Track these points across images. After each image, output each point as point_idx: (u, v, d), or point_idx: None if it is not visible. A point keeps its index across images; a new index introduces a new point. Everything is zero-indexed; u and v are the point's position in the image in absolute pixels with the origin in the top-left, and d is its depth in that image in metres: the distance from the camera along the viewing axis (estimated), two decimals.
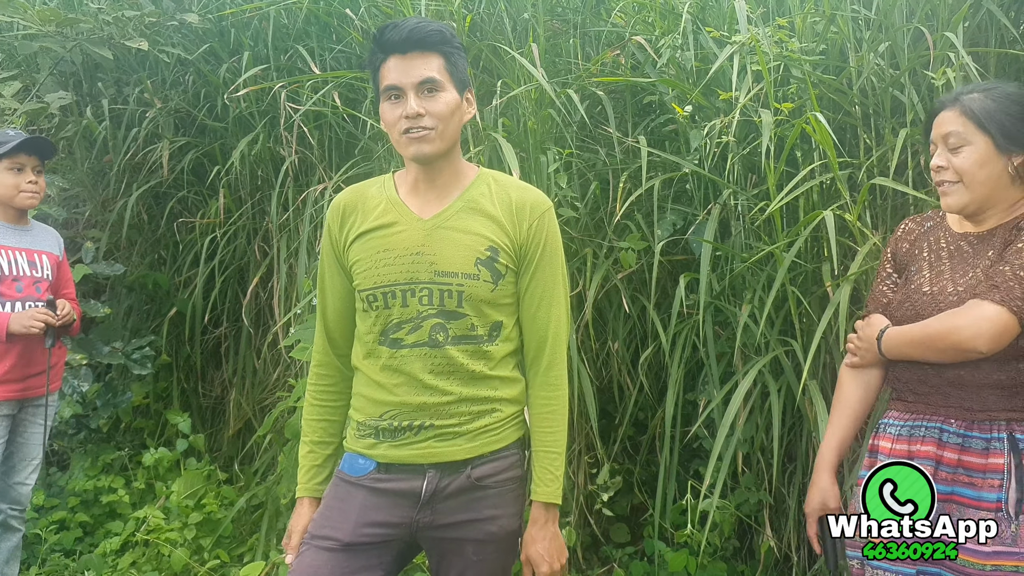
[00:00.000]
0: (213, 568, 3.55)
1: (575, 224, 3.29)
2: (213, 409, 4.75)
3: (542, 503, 1.89)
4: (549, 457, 1.90)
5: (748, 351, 3.08)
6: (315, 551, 1.87)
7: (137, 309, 4.81)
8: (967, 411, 1.82)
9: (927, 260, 1.95)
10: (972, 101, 1.84)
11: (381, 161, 3.60)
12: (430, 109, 1.81)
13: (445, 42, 1.84)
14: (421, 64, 1.81)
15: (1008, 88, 1.86)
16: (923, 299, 1.88)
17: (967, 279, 1.83)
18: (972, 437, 1.81)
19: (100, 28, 4.15)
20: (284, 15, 4.16)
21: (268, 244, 4.23)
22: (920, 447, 1.85)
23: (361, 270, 1.88)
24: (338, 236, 1.94)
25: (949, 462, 1.82)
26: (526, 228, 1.88)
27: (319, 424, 2.03)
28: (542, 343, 1.91)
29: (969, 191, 1.84)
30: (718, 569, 3.14)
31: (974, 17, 3.10)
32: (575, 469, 3.39)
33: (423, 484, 1.85)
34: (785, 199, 2.77)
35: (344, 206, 1.95)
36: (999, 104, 1.82)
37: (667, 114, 3.36)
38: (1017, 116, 1.82)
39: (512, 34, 3.62)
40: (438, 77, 1.82)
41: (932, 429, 1.85)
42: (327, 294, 1.99)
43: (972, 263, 1.86)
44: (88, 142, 4.73)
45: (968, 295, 1.79)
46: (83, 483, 4.16)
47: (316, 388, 2.04)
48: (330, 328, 2.00)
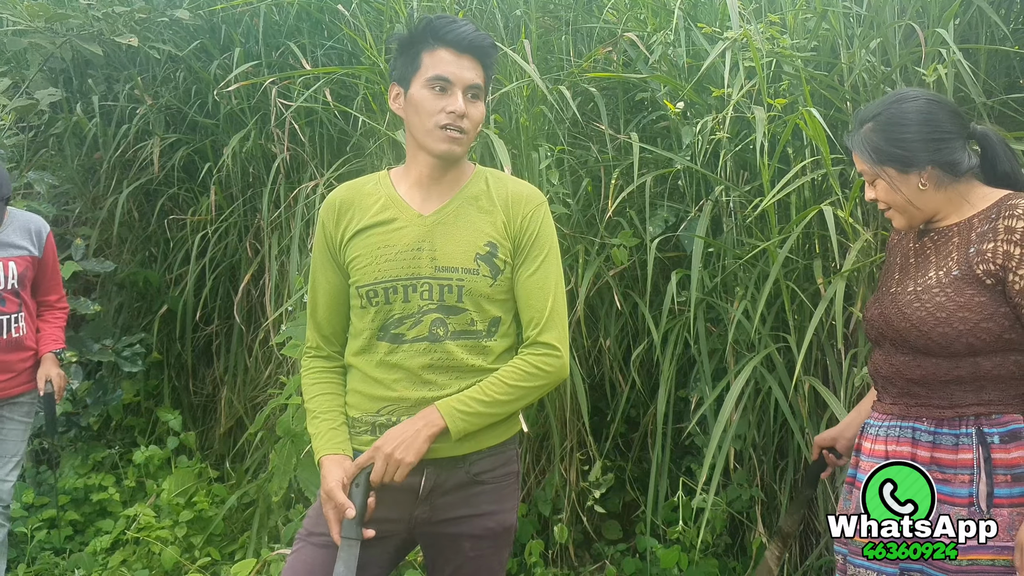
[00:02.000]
0: (204, 566, 3.54)
1: (567, 221, 3.29)
2: (204, 407, 4.74)
3: (436, 407, 1.80)
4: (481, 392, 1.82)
5: (740, 348, 3.08)
6: (312, 548, 1.86)
7: (128, 306, 4.79)
8: (936, 409, 1.85)
9: (898, 265, 2.00)
10: (862, 138, 1.91)
11: (373, 158, 3.59)
12: (471, 113, 1.85)
13: (493, 55, 1.92)
14: (473, 68, 1.86)
15: (890, 111, 1.89)
16: (887, 299, 1.93)
17: (926, 279, 1.86)
18: (942, 434, 1.84)
19: (90, 24, 4.13)
20: (275, 11, 4.15)
21: (259, 241, 4.21)
22: (896, 447, 1.88)
23: (360, 266, 1.88)
24: (333, 233, 1.93)
25: (923, 460, 1.84)
26: (519, 221, 1.91)
27: (323, 397, 1.95)
28: (535, 329, 1.88)
29: (902, 214, 1.92)
30: (710, 565, 3.14)
31: (965, 14, 3.11)
32: (567, 466, 3.39)
33: (421, 480, 1.85)
34: (778, 195, 2.77)
35: (340, 203, 1.94)
36: (882, 135, 1.87)
37: (659, 111, 3.36)
38: (900, 140, 1.86)
39: (504, 31, 3.62)
40: (482, 85, 1.88)
41: (906, 429, 1.88)
42: (319, 291, 1.98)
43: (934, 262, 1.89)
44: (78, 139, 4.71)
45: (925, 295, 1.83)
46: (73, 481, 4.14)
47: (314, 368, 1.99)
48: (320, 325, 1.99)
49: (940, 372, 1.83)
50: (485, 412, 1.82)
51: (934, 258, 1.89)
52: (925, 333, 1.81)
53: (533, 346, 1.88)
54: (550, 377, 1.88)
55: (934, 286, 1.83)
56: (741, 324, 2.99)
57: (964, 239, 1.84)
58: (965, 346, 1.78)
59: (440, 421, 1.78)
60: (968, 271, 1.80)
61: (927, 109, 1.87)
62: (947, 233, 1.89)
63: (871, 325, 1.98)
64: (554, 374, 1.88)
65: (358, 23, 3.66)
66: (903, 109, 1.87)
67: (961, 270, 1.81)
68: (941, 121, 1.87)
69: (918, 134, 1.85)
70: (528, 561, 3.30)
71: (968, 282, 1.79)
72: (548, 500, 3.38)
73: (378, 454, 1.77)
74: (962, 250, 1.83)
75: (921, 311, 1.82)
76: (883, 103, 1.91)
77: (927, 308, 1.81)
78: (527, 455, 3.45)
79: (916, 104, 1.88)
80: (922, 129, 1.85)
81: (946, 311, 1.79)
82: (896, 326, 1.87)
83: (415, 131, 1.88)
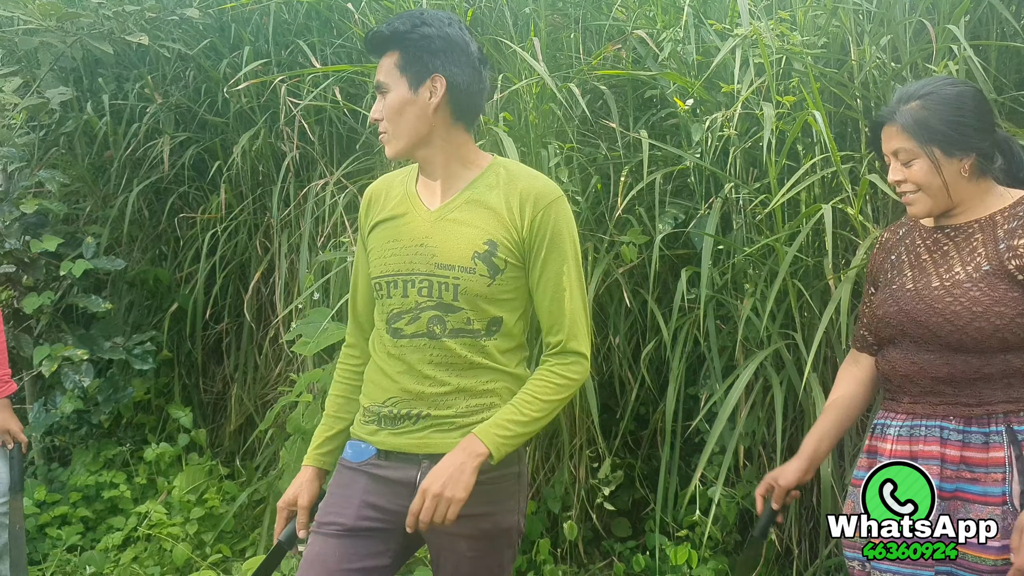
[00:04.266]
0: (215, 563, 3.55)
1: (576, 218, 3.27)
2: (215, 404, 4.75)
3: (475, 435, 1.78)
4: (517, 412, 1.81)
5: (750, 345, 3.08)
6: (322, 539, 1.87)
7: (138, 305, 4.81)
8: (964, 407, 1.83)
9: (907, 262, 1.96)
10: (910, 114, 1.86)
11: (382, 156, 3.59)
12: (384, 112, 1.85)
13: (400, 37, 1.82)
14: (381, 67, 1.85)
15: (944, 91, 1.87)
16: (907, 295, 1.89)
17: (952, 274, 1.84)
18: (972, 432, 1.82)
19: (100, 23, 4.13)
20: (284, 10, 4.16)
21: (269, 239, 4.22)
22: (923, 447, 1.85)
23: (374, 258, 1.92)
24: (364, 223, 1.99)
25: (952, 459, 1.82)
26: (528, 221, 1.83)
27: (338, 400, 2.07)
28: (558, 335, 1.86)
29: (931, 198, 1.87)
30: (719, 563, 3.14)
31: (975, 10, 3.10)
32: (576, 463, 3.39)
33: (418, 474, 1.84)
34: (787, 193, 2.76)
35: (372, 194, 2.00)
36: (935, 113, 1.84)
37: (668, 108, 3.36)
38: (954, 122, 1.83)
39: (513, 28, 3.62)
40: (383, 80, 1.84)
41: (932, 428, 1.85)
42: (358, 277, 2.04)
43: (956, 257, 1.87)
44: (88, 138, 4.72)
45: (956, 290, 1.81)
46: (85, 478, 4.16)
47: (342, 367, 2.09)
48: (359, 312, 2.05)
49: (969, 370, 1.80)
50: (524, 432, 1.82)
51: (956, 253, 1.87)
52: (961, 328, 1.78)
53: (561, 355, 1.85)
54: (578, 384, 1.88)
55: (964, 281, 1.81)
56: (751, 322, 2.99)
57: (989, 235, 1.83)
58: (999, 341, 1.77)
59: (483, 449, 1.76)
60: (1000, 266, 1.79)
61: (979, 97, 1.88)
62: (967, 229, 1.88)
63: (886, 323, 1.93)
64: (581, 381, 1.88)
65: (367, 21, 3.67)
66: (959, 92, 1.86)
67: (992, 265, 1.80)
68: (988, 112, 1.88)
69: (972, 119, 1.84)
70: (537, 559, 3.31)
71: (1001, 277, 1.78)
72: (557, 497, 3.39)
73: (428, 495, 1.74)
74: (989, 246, 1.82)
75: (956, 305, 1.79)
76: (931, 84, 1.88)
77: (961, 303, 1.79)
78: (536, 452, 3.45)
79: (969, 90, 1.88)
80: (975, 115, 1.84)
81: (982, 305, 1.77)
82: (924, 322, 1.83)
83: None
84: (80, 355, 4.07)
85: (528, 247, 1.85)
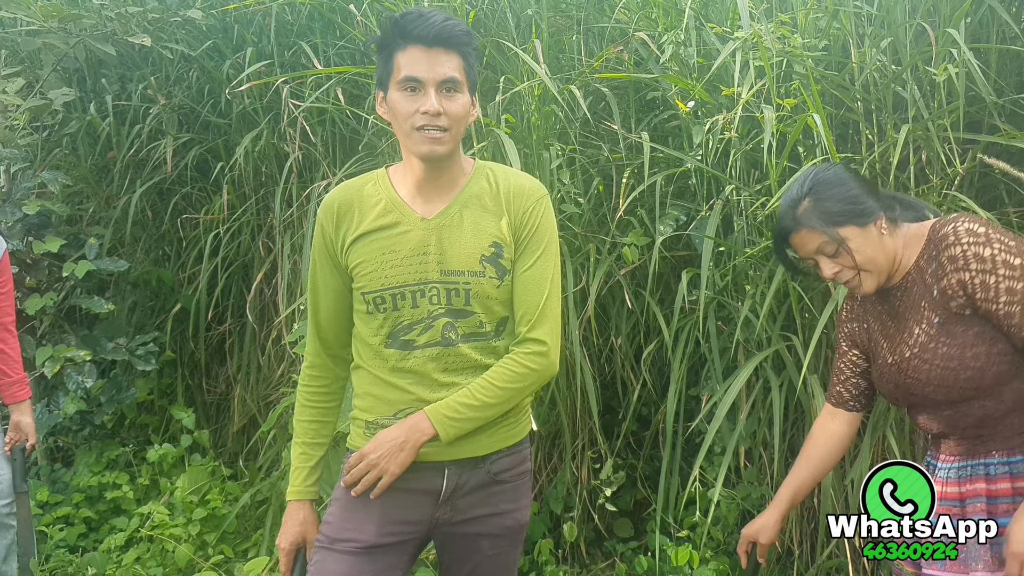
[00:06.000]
0: (217, 563, 3.56)
1: (578, 220, 3.30)
2: (217, 405, 4.76)
3: (425, 414, 1.79)
4: (470, 396, 1.80)
5: (750, 346, 3.09)
6: (337, 556, 1.84)
7: (141, 305, 4.82)
8: (1004, 439, 1.83)
9: (877, 329, 1.99)
10: (808, 213, 1.88)
11: (384, 157, 3.60)
12: (448, 109, 1.77)
13: (468, 43, 1.81)
14: (445, 61, 1.77)
15: (822, 177, 1.91)
16: (891, 370, 1.92)
17: (915, 338, 1.86)
18: (1017, 463, 1.82)
19: (103, 24, 4.15)
20: (287, 11, 4.17)
21: (272, 240, 4.23)
22: (970, 486, 1.86)
23: (365, 272, 1.84)
24: (333, 236, 1.88)
25: (1004, 493, 1.82)
26: (520, 215, 1.86)
27: (311, 425, 2.01)
28: (526, 326, 1.85)
29: (874, 270, 1.88)
30: (720, 563, 3.15)
31: (976, 13, 3.10)
32: (578, 464, 3.40)
33: (443, 481, 1.85)
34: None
35: (339, 205, 1.88)
36: (829, 199, 1.87)
37: (670, 110, 3.37)
38: (848, 196, 1.87)
39: (515, 30, 3.63)
40: (459, 78, 1.78)
41: (977, 467, 1.86)
42: (319, 294, 1.94)
43: (910, 318, 1.88)
44: (91, 138, 4.73)
45: (925, 353, 1.82)
46: (87, 479, 4.17)
47: (308, 389, 2.02)
48: (322, 328, 1.96)
49: (989, 410, 1.82)
50: (475, 416, 1.80)
51: (908, 314, 1.89)
52: (951, 386, 1.80)
53: (523, 343, 1.85)
54: (538, 375, 1.85)
55: (927, 341, 1.83)
56: (751, 323, 3.00)
57: (923, 286, 1.85)
58: (995, 377, 1.78)
59: (430, 429, 1.77)
60: (945, 312, 1.80)
61: (846, 169, 1.94)
62: (905, 286, 1.90)
63: (893, 398, 1.98)
64: (542, 372, 1.85)
65: (369, 23, 3.68)
66: (835, 172, 1.92)
67: (940, 316, 1.81)
68: (864, 178, 1.96)
69: (859, 187, 1.89)
70: (539, 559, 3.32)
71: (953, 322, 1.80)
72: (559, 498, 3.40)
73: (364, 459, 1.78)
74: (928, 297, 1.84)
75: (934, 370, 1.81)
76: (806, 180, 1.92)
77: (936, 364, 1.81)
78: (538, 453, 3.46)
79: (837, 168, 1.93)
80: (858, 182, 1.91)
81: (955, 359, 1.79)
82: (919, 392, 1.86)
83: (399, 135, 1.85)
84: (83, 356, 4.09)
85: (516, 239, 1.87)
